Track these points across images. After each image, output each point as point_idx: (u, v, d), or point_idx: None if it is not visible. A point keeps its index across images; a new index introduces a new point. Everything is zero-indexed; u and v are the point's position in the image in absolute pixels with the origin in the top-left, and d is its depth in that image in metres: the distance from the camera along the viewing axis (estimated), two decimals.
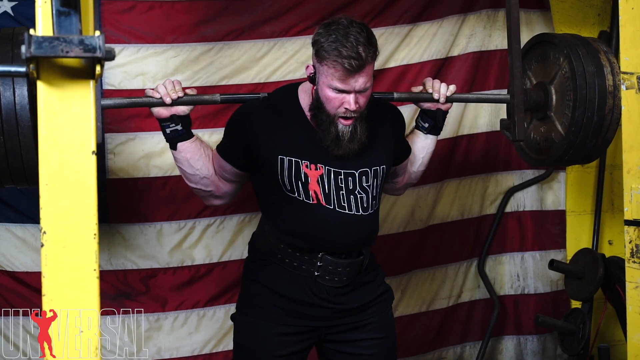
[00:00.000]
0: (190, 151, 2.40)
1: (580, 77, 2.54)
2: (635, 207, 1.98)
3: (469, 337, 3.71)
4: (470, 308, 3.71)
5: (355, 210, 2.39)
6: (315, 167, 2.35)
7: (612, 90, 2.54)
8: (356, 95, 2.27)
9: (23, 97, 1.96)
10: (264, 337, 2.44)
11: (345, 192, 2.38)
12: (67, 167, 1.51)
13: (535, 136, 2.75)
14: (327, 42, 2.24)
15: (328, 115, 2.30)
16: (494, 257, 3.74)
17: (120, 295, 3.14)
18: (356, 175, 2.39)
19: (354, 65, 2.21)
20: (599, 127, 2.55)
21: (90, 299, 1.47)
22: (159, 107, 2.36)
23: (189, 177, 2.47)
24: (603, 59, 2.58)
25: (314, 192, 2.36)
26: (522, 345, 3.78)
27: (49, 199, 1.49)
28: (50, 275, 1.48)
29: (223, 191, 2.51)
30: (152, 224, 3.14)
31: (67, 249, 1.48)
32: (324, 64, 2.26)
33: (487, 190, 3.70)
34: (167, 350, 3.19)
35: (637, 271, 2.00)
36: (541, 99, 2.68)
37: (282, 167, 2.35)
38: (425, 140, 2.65)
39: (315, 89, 2.33)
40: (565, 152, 2.59)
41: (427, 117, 2.62)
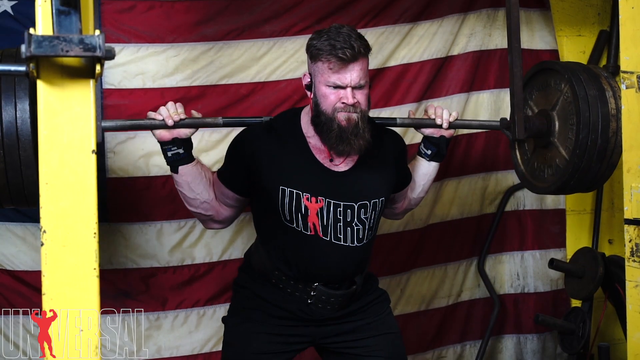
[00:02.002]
0: (191, 175, 2.40)
1: (583, 100, 2.54)
2: (635, 206, 1.99)
3: (469, 336, 3.71)
4: (470, 307, 3.71)
5: (350, 242, 2.40)
6: (316, 199, 2.36)
7: (615, 113, 2.55)
8: (353, 91, 2.28)
9: (24, 112, 1.94)
10: (254, 335, 2.45)
11: (343, 224, 2.39)
12: (67, 166, 1.51)
13: (539, 164, 2.74)
14: (319, 42, 2.29)
15: (326, 114, 2.30)
16: (494, 256, 3.74)
17: (120, 294, 3.14)
18: (355, 207, 2.39)
19: (347, 55, 2.24)
20: (603, 150, 2.54)
21: (90, 298, 1.48)
22: (160, 129, 2.35)
23: (189, 201, 2.47)
24: (604, 84, 2.60)
25: (312, 224, 2.37)
26: (522, 344, 3.78)
27: (49, 198, 1.49)
28: (50, 274, 1.48)
29: (223, 216, 2.52)
30: (152, 223, 3.14)
31: (67, 248, 1.49)
32: (318, 62, 2.29)
33: (487, 189, 3.69)
34: (167, 349, 3.19)
35: (637, 270, 2.00)
36: (543, 125, 2.68)
37: (283, 198, 2.35)
38: (428, 167, 2.65)
39: (313, 96, 2.34)
40: (570, 176, 2.57)
41: (430, 144, 2.62)
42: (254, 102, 3.23)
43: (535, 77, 2.78)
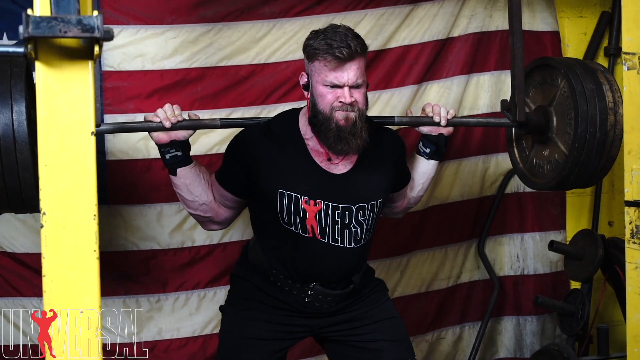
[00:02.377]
0: (190, 177, 2.40)
1: (580, 94, 2.54)
2: (635, 188, 1.99)
3: (468, 318, 3.73)
4: (470, 289, 3.72)
5: (347, 243, 2.41)
6: (315, 202, 2.36)
7: (613, 107, 2.55)
8: (350, 90, 2.27)
9: (21, 114, 1.92)
10: (252, 322, 2.46)
11: (341, 226, 2.39)
12: (66, 148, 1.50)
13: (538, 161, 2.74)
14: (316, 41, 2.29)
15: (324, 114, 2.29)
16: (494, 238, 3.75)
17: (120, 277, 3.14)
18: (353, 210, 2.39)
19: (344, 54, 2.23)
20: (602, 143, 2.53)
21: (90, 280, 1.48)
22: (158, 131, 2.35)
23: (187, 204, 2.47)
24: (601, 78, 2.61)
25: (310, 226, 2.37)
26: (521, 325, 3.79)
27: (48, 180, 1.49)
28: (50, 256, 1.48)
29: (222, 217, 2.52)
30: (152, 206, 3.14)
31: (66, 230, 1.49)
32: (315, 61, 2.29)
33: (487, 171, 3.69)
34: (167, 330, 3.20)
35: (637, 252, 2.00)
36: (541, 121, 2.68)
37: (282, 201, 2.35)
38: (427, 166, 2.64)
39: (310, 95, 2.33)
40: (570, 171, 2.57)
41: (429, 142, 2.61)
42: (254, 84, 3.21)
43: (532, 74, 2.78)
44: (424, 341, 3.63)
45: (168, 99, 3.08)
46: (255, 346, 2.45)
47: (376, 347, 2.50)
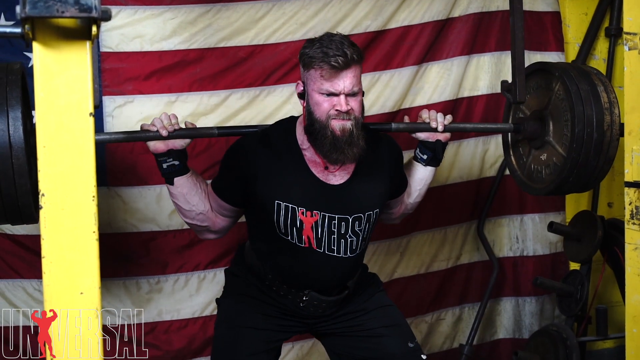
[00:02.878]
0: (187, 186, 2.40)
1: (576, 95, 2.55)
2: (635, 169, 1.99)
3: (468, 299, 3.74)
4: (469, 270, 3.73)
5: (343, 253, 2.41)
6: (311, 213, 2.35)
7: (608, 107, 2.55)
8: (346, 98, 2.26)
9: (17, 119, 1.89)
10: (249, 314, 2.47)
11: (337, 236, 2.39)
12: (64, 129, 1.50)
13: (536, 166, 2.74)
14: (312, 50, 2.28)
15: (320, 122, 2.28)
16: (493, 219, 3.75)
17: (120, 258, 3.15)
18: (350, 220, 2.39)
19: (340, 62, 2.22)
20: (599, 143, 2.53)
21: (90, 261, 1.48)
22: (155, 140, 2.34)
23: (184, 213, 2.47)
24: (595, 79, 2.62)
25: (307, 237, 2.37)
26: (520, 306, 3.80)
27: (47, 161, 1.49)
28: (50, 237, 1.48)
29: (220, 226, 2.52)
30: (151, 187, 3.13)
31: (66, 212, 1.49)
32: (311, 69, 2.28)
33: (487, 152, 3.68)
34: (167, 312, 3.21)
35: (637, 233, 2.00)
36: (537, 126, 2.69)
37: (279, 212, 2.35)
38: (424, 172, 2.63)
39: (306, 104, 2.32)
40: (569, 172, 2.56)
41: (426, 148, 2.60)
42: (253, 65, 3.20)
43: (526, 81, 2.79)
44: (423, 322, 3.64)
45: (167, 80, 3.09)
46: (251, 335, 2.45)
47: (375, 334, 2.51)
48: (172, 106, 3.10)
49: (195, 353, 3.26)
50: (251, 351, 2.43)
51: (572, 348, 3.20)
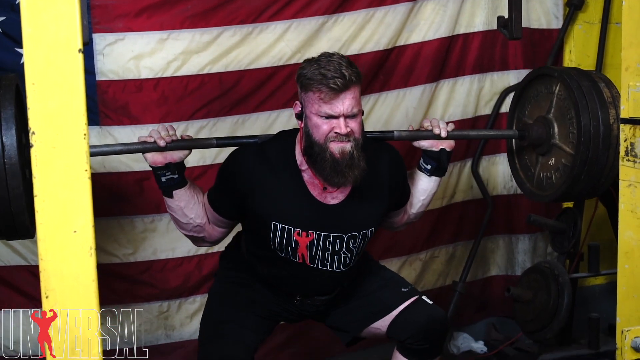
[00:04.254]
0: (185, 199, 2.37)
1: (578, 89, 2.52)
2: (631, 105, 1.97)
3: (462, 237, 3.77)
4: (463, 208, 3.75)
5: (336, 267, 2.40)
6: (307, 234, 2.34)
7: (612, 101, 2.52)
8: (346, 120, 2.21)
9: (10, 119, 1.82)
10: (246, 288, 2.49)
11: (331, 252, 2.37)
12: (53, 66, 1.48)
13: (545, 173, 2.70)
14: (309, 71, 2.22)
15: (319, 145, 2.23)
16: (488, 157, 3.75)
17: (115, 198, 3.14)
18: (344, 238, 2.37)
19: (338, 84, 2.17)
20: (607, 137, 2.50)
21: (82, 199, 1.47)
22: (153, 152, 2.30)
23: (181, 225, 2.45)
24: (595, 77, 2.61)
25: (301, 254, 2.36)
26: (513, 244, 3.84)
27: (36, 99, 1.47)
28: (41, 176, 1.47)
29: (215, 237, 2.51)
30: (144, 126, 3.11)
31: (57, 150, 1.47)
32: (309, 92, 2.22)
33: (482, 90, 3.66)
34: (162, 251, 3.23)
35: (631, 169, 2.00)
36: (542, 130, 2.66)
37: (275, 232, 2.33)
38: (429, 183, 2.58)
39: (304, 125, 2.27)
40: (579, 169, 2.52)
41: (430, 158, 2.55)
42: (245, 1, 3.13)
43: (526, 90, 2.77)
44: (417, 260, 3.67)
45: (158, 18, 3.04)
46: (247, 303, 2.48)
47: (369, 293, 2.53)
48: (164, 44, 3.05)
49: (191, 291, 3.29)
50: (246, 309, 2.46)
51: (564, 284, 3.23)
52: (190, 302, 3.30)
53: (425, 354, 2.44)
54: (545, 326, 3.30)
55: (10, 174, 1.76)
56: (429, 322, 2.41)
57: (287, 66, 3.24)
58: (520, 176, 2.83)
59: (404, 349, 2.47)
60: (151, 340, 3.27)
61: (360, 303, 2.53)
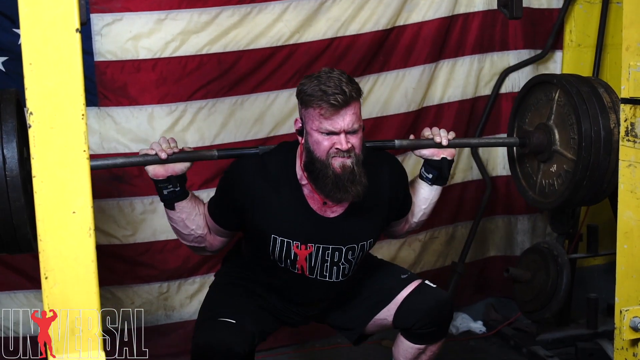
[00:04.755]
0: (186, 211, 2.37)
1: (577, 95, 2.52)
2: (632, 85, 1.96)
3: (461, 217, 3.77)
4: (463, 189, 3.74)
5: (335, 278, 2.40)
6: (306, 246, 2.34)
7: (612, 106, 2.51)
8: (346, 136, 2.21)
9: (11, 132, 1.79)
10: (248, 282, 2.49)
11: (330, 263, 2.38)
12: (50, 45, 1.46)
13: (547, 180, 2.69)
14: (309, 87, 2.21)
15: (321, 161, 2.22)
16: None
17: (114, 179, 3.14)
18: (343, 250, 2.37)
19: (339, 100, 2.16)
20: (608, 142, 2.50)
21: (81, 180, 1.47)
22: (155, 165, 2.29)
23: (183, 237, 2.45)
24: (595, 83, 2.60)
25: (300, 266, 2.37)
26: (512, 224, 3.84)
27: (34, 79, 1.46)
28: (40, 156, 1.46)
29: (216, 246, 2.50)
30: (142, 107, 3.10)
31: (55, 130, 1.46)
32: (310, 108, 2.21)
33: (482, 71, 3.65)
34: (162, 232, 3.22)
35: (631, 149, 2.00)
36: (543, 137, 2.66)
37: (274, 245, 2.33)
38: (430, 192, 2.57)
39: (305, 141, 2.26)
40: (581, 175, 2.51)
41: (431, 167, 2.54)
42: None
43: (526, 99, 2.76)
44: (417, 241, 3.67)
45: None
46: (248, 294, 2.48)
47: (372, 285, 2.52)
48: (162, 24, 3.04)
49: (190, 272, 3.30)
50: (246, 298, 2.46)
51: (563, 265, 3.24)
52: (189, 283, 3.31)
53: (431, 337, 2.44)
54: (543, 306, 3.31)
55: (12, 187, 1.75)
56: (435, 305, 2.42)
57: (285, 46, 3.23)
58: (522, 184, 2.83)
59: (409, 334, 2.47)
60: (151, 321, 3.28)
61: (361, 298, 2.53)
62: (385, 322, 2.49)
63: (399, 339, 2.50)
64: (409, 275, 2.54)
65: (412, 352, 2.47)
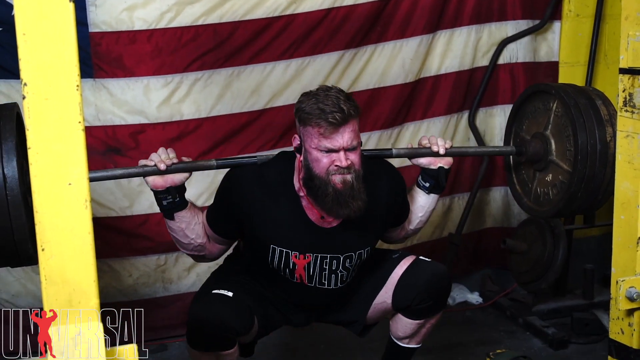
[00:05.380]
0: (186, 221, 2.35)
1: (575, 107, 2.51)
2: (631, 55, 1.96)
3: (458, 189, 3.77)
4: (460, 161, 3.74)
5: (333, 285, 2.41)
6: (304, 256, 2.34)
7: (609, 119, 2.51)
8: (346, 153, 2.20)
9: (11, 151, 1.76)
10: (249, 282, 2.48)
11: (328, 272, 2.38)
12: (44, 16, 1.44)
13: (542, 189, 2.68)
14: (308, 105, 2.20)
15: (320, 178, 2.21)
16: (485, 109, 3.73)
17: (110, 151, 3.13)
18: (341, 258, 2.37)
19: (337, 119, 2.16)
20: (604, 154, 2.49)
21: (77, 151, 1.45)
22: (154, 176, 2.28)
23: (183, 246, 2.44)
24: (592, 95, 2.59)
25: (299, 275, 2.37)
26: (509, 196, 3.83)
27: (27, 50, 1.44)
28: (34, 128, 1.45)
29: (216, 254, 2.50)
30: (138, 79, 3.08)
31: (50, 102, 1.45)
32: (308, 126, 2.20)
33: (480, 41, 3.63)
34: None
35: (629, 120, 1.99)
36: (540, 146, 2.66)
37: (273, 255, 2.33)
38: (427, 200, 2.55)
39: (303, 159, 2.25)
40: (576, 187, 2.51)
41: (428, 176, 2.52)
42: None
43: (524, 106, 2.76)
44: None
45: None
46: (250, 283, 2.47)
47: (365, 275, 2.51)
48: None
49: None
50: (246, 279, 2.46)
51: (560, 236, 3.25)
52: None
53: (429, 310, 2.45)
54: (540, 277, 3.33)
55: (13, 205, 1.74)
56: (432, 278, 2.42)
57: (282, 17, 3.20)
58: (517, 191, 2.84)
59: (408, 312, 2.48)
60: (149, 293, 3.29)
61: (357, 291, 2.53)
62: (385, 305, 2.49)
63: (397, 316, 2.51)
64: (400, 253, 2.55)
65: (412, 327, 2.49)
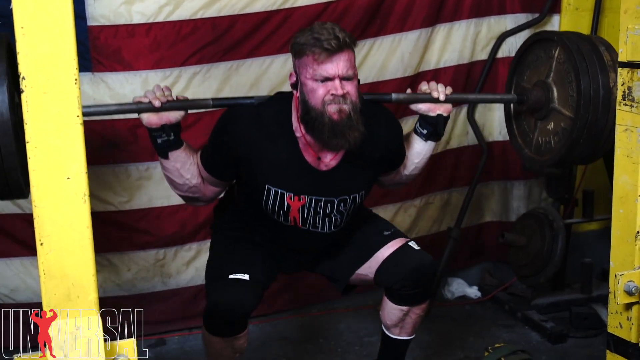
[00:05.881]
0: (181, 160, 2.35)
1: (577, 52, 2.48)
2: (630, 49, 1.95)
3: (457, 183, 3.77)
4: (459, 154, 3.74)
5: (327, 229, 2.42)
6: (299, 198, 2.34)
7: (612, 64, 2.47)
8: (341, 82, 2.19)
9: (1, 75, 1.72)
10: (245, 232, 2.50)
11: (322, 215, 2.38)
12: (43, 10, 1.45)
13: (544, 138, 2.67)
14: (303, 37, 2.21)
15: (316, 109, 2.21)
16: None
17: (108, 146, 3.13)
18: (335, 202, 2.38)
19: (332, 45, 2.16)
20: (607, 100, 2.47)
21: (75, 145, 1.46)
22: (148, 112, 2.27)
23: (177, 187, 2.43)
24: (595, 41, 2.55)
25: (293, 217, 2.38)
26: (508, 190, 3.85)
27: (26, 43, 1.44)
28: (33, 122, 1.45)
29: (210, 196, 2.50)
30: (137, 73, 3.08)
31: (48, 95, 1.45)
32: (304, 56, 2.20)
33: (479, 35, 3.62)
34: (158, 198, 3.23)
35: (628, 114, 1.99)
36: (541, 94, 2.63)
37: (268, 196, 2.33)
38: (424, 147, 2.55)
39: (300, 94, 2.24)
40: (579, 133, 2.49)
41: (426, 123, 2.52)
42: None
43: (525, 56, 2.73)
44: (412, 206, 3.68)
45: None
46: (250, 248, 2.49)
47: (357, 238, 2.54)
48: None
49: (187, 238, 3.31)
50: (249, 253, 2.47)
51: (558, 230, 3.25)
52: (186, 249, 3.31)
53: (413, 299, 2.47)
54: (539, 271, 3.33)
55: (2, 131, 1.71)
56: (416, 267, 2.43)
57: (281, 10, 3.19)
58: (518, 142, 2.83)
59: (392, 296, 2.50)
60: (148, 288, 3.30)
61: (347, 249, 2.55)
62: (367, 277, 2.53)
63: (384, 300, 2.54)
64: (392, 232, 2.55)
65: (397, 314, 2.51)
